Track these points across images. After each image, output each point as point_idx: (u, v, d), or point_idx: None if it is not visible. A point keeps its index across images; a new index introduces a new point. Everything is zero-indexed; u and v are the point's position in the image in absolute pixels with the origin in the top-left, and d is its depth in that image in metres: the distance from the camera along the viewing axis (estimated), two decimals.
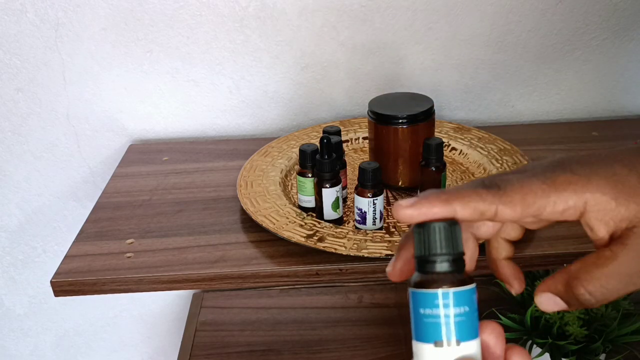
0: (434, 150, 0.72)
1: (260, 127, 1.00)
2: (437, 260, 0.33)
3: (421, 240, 0.33)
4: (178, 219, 0.75)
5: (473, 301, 0.33)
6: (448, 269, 0.33)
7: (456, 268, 0.33)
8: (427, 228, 0.33)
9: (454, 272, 0.33)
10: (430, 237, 0.33)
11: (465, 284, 0.33)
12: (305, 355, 0.95)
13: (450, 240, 0.33)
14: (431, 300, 0.33)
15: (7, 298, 1.12)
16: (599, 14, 0.94)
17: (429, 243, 0.33)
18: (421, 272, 0.34)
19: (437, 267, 0.33)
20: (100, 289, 0.66)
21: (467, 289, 0.33)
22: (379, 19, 0.92)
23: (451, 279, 0.33)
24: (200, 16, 0.91)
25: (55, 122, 0.97)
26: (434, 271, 0.33)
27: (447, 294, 0.32)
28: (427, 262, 0.33)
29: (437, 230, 0.33)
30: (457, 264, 0.33)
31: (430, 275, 0.33)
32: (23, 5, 0.89)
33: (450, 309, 0.32)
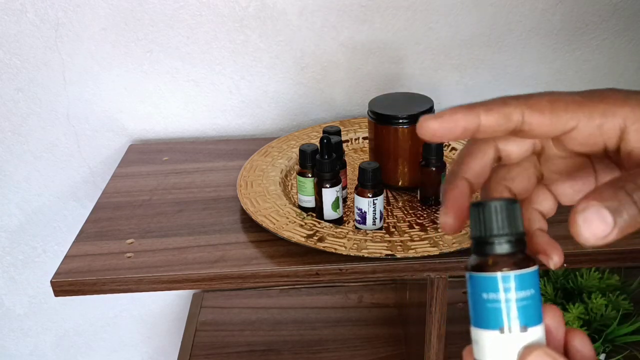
0: (434, 150, 0.72)
1: (260, 127, 1.00)
2: (496, 241, 0.31)
3: (478, 219, 0.31)
4: (178, 219, 0.75)
5: (536, 284, 0.31)
6: (509, 250, 0.31)
7: (517, 249, 0.31)
8: (485, 206, 0.31)
9: (516, 253, 0.31)
10: (489, 216, 0.31)
11: (527, 266, 0.31)
12: (305, 355, 0.95)
13: (510, 219, 0.31)
14: (492, 284, 0.30)
15: (7, 298, 1.12)
16: (599, 14, 0.94)
17: (487, 222, 0.31)
18: (479, 254, 0.32)
19: (496, 249, 0.31)
20: (100, 289, 0.66)
21: (530, 271, 0.31)
22: (379, 19, 0.92)
23: (513, 261, 0.31)
24: (200, 16, 0.91)
25: (55, 122, 0.97)
26: (494, 253, 0.31)
27: (509, 277, 0.30)
28: (485, 243, 0.31)
29: (496, 209, 0.31)
30: (518, 245, 0.31)
31: (490, 258, 0.31)
32: (23, 5, 0.89)
33: (513, 292, 0.30)
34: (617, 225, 0.28)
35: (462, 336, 0.95)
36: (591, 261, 0.66)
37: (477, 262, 0.31)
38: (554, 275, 0.86)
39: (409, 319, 0.89)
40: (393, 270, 0.65)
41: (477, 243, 0.32)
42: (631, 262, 0.66)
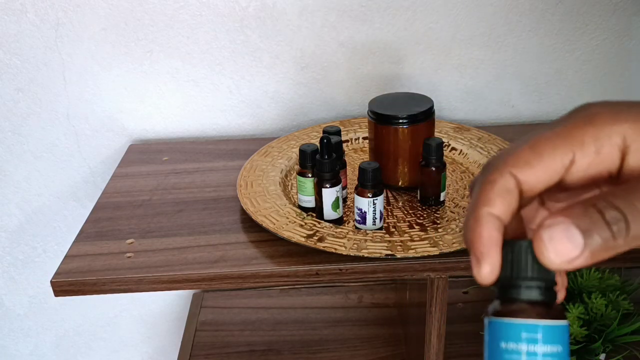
0: (434, 150, 0.72)
1: (260, 127, 1.00)
2: (525, 285, 0.27)
3: (507, 260, 0.27)
4: (178, 219, 0.75)
5: (566, 341, 0.27)
6: (538, 298, 0.27)
7: (548, 298, 0.27)
8: (515, 246, 0.27)
9: (545, 302, 0.27)
10: (519, 256, 0.27)
11: (557, 318, 0.27)
12: (305, 355, 0.95)
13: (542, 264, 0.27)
14: (514, 332, 0.27)
15: (7, 298, 1.12)
16: (599, 14, 0.94)
17: (516, 264, 0.27)
18: (504, 298, 0.28)
19: (524, 294, 0.27)
20: (100, 289, 0.66)
21: (559, 324, 0.27)
22: (379, 19, 0.92)
23: (542, 310, 0.27)
24: (200, 16, 0.91)
25: (55, 122, 0.97)
26: (521, 298, 0.27)
27: (537, 327, 0.26)
28: (512, 286, 0.27)
29: (528, 250, 0.27)
30: (549, 294, 0.28)
31: (516, 303, 0.27)
32: (23, 5, 0.89)
33: (539, 345, 0.26)
34: (588, 248, 0.25)
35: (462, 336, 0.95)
36: None
37: (499, 307, 0.28)
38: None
39: (409, 319, 0.89)
40: (393, 270, 0.65)
41: (502, 286, 0.28)
42: (631, 262, 0.66)
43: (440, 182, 0.73)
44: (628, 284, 0.86)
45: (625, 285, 0.86)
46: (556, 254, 0.25)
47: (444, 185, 0.74)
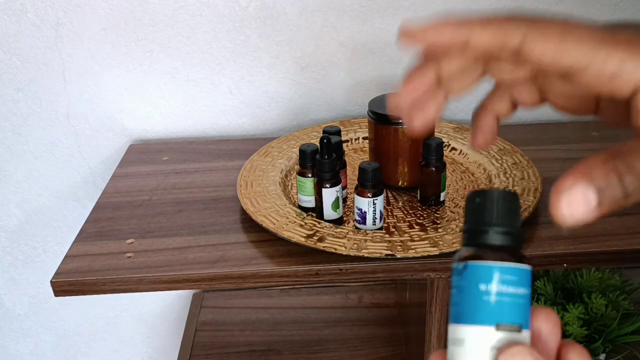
0: (434, 150, 0.72)
1: (260, 127, 1.00)
2: (496, 230, 0.29)
3: (478, 208, 0.29)
4: (178, 219, 0.75)
5: (525, 284, 0.29)
6: (510, 242, 0.29)
7: (517, 243, 0.29)
8: (486, 194, 0.29)
9: (516, 247, 0.29)
10: (490, 204, 0.29)
11: (517, 261, 0.29)
12: (305, 355, 0.95)
13: (513, 212, 0.29)
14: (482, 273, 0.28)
15: (7, 298, 1.12)
16: (599, 14, 0.94)
17: (488, 211, 0.29)
18: (475, 244, 0.29)
19: (496, 239, 0.29)
20: (100, 289, 0.66)
21: (528, 268, 0.29)
22: (379, 19, 0.92)
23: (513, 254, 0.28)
24: (200, 16, 0.91)
25: (55, 122, 0.97)
26: (494, 243, 0.29)
27: (509, 269, 0.28)
28: (484, 232, 0.29)
29: (498, 197, 0.29)
30: (518, 240, 0.29)
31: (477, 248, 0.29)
32: (23, 5, 0.89)
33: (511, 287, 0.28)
34: (599, 207, 0.26)
35: None
36: (591, 261, 0.66)
37: (472, 252, 0.29)
38: (553, 276, 0.86)
39: (409, 319, 0.89)
40: (393, 270, 0.65)
41: (473, 232, 0.29)
42: (631, 262, 0.66)
43: (440, 182, 0.73)
44: (628, 284, 0.86)
45: (625, 285, 0.86)
46: (571, 214, 0.26)
47: (444, 185, 0.74)
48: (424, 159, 0.73)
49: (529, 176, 0.76)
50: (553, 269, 0.85)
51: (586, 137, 0.93)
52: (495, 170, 0.79)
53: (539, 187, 0.74)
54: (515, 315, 0.28)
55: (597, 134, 0.93)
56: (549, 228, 0.69)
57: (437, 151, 0.72)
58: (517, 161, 0.80)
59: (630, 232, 0.67)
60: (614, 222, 0.70)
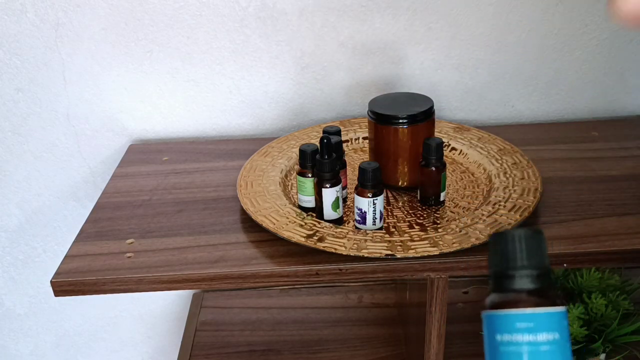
0: (434, 150, 0.72)
1: (260, 127, 1.00)
2: (517, 274, 0.26)
3: (497, 251, 0.27)
4: (178, 219, 0.75)
5: (564, 327, 0.26)
6: (531, 286, 0.26)
7: (542, 285, 0.26)
8: (505, 236, 0.26)
9: (540, 289, 0.26)
10: (509, 247, 0.26)
11: (553, 305, 0.26)
12: (305, 355, 0.95)
13: (534, 251, 0.26)
14: (510, 322, 0.26)
15: (7, 298, 1.12)
16: (599, 14, 0.94)
17: (507, 254, 0.26)
18: (498, 290, 0.27)
19: (517, 283, 0.26)
20: (101, 289, 0.66)
21: (556, 310, 0.26)
22: (379, 19, 0.92)
23: (537, 297, 0.26)
24: (200, 16, 0.91)
25: (55, 122, 0.97)
26: (514, 288, 0.26)
27: (529, 316, 0.25)
28: (504, 277, 0.27)
29: (518, 239, 0.26)
30: (542, 280, 0.27)
31: (510, 294, 0.26)
32: (23, 5, 0.89)
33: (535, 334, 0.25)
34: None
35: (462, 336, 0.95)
36: (591, 261, 0.66)
37: (496, 300, 0.27)
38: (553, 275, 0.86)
39: (409, 319, 0.89)
40: (393, 270, 0.65)
41: (495, 278, 0.27)
42: (631, 262, 0.66)
43: (440, 182, 0.73)
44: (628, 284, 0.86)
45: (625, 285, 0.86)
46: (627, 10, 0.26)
47: (444, 185, 0.74)
48: (424, 159, 0.73)
49: (529, 176, 0.76)
50: (553, 269, 0.85)
51: (586, 137, 0.93)
52: (495, 170, 0.79)
53: (539, 187, 0.74)
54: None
55: (597, 133, 0.93)
56: (549, 228, 0.69)
57: (437, 151, 0.72)
58: (517, 161, 0.80)
59: (630, 232, 0.68)
60: (614, 222, 0.70)
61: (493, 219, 0.68)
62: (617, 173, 0.81)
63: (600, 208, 0.72)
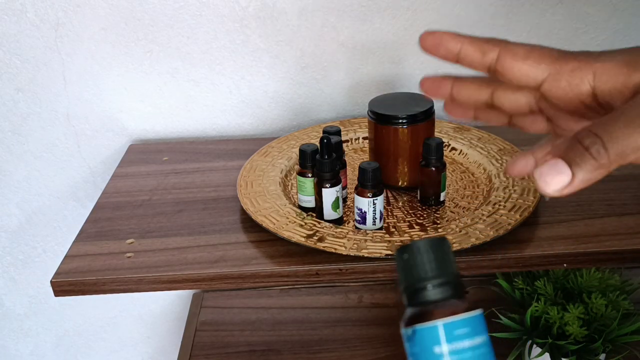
0: (434, 150, 0.72)
1: (260, 127, 1.00)
2: (428, 286, 0.26)
3: (405, 266, 0.26)
4: (178, 219, 0.75)
5: (480, 331, 0.26)
6: (445, 295, 0.26)
7: (455, 292, 0.26)
8: (410, 249, 0.26)
9: (454, 297, 0.26)
10: (416, 259, 0.26)
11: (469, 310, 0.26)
12: (305, 355, 0.95)
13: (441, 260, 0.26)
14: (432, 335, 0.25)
15: (7, 298, 1.12)
16: (599, 14, 0.94)
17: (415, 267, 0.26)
18: (412, 305, 0.27)
19: (429, 295, 0.26)
20: (101, 289, 0.66)
21: (475, 314, 0.26)
22: (379, 19, 0.92)
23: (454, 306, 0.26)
24: (200, 16, 0.91)
25: (55, 122, 0.97)
26: (431, 299, 0.26)
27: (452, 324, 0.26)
28: (416, 290, 0.26)
29: (423, 249, 0.26)
30: (455, 288, 0.27)
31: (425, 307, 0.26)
32: (23, 5, 0.89)
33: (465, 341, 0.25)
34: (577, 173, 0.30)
35: None
36: (591, 261, 0.66)
37: (412, 314, 0.27)
38: (553, 276, 0.86)
39: None
40: (393, 270, 0.65)
41: (408, 293, 0.27)
42: (631, 262, 0.66)
43: (440, 182, 0.73)
44: (628, 284, 0.86)
45: (625, 285, 0.86)
46: (546, 184, 0.30)
47: (444, 185, 0.74)
48: (424, 159, 0.73)
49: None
50: (553, 269, 0.85)
51: None
52: (495, 170, 0.79)
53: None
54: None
55: None
56: (549, 228, 0.69)
57: (437, 151, 0.72)
58: None
59: (630, 232, 0.68)
60: (614, 222, 0.70)
61: (493, 219, 0.68)
62: (617, 173, 0.80)
63: (600, 208, 0.72)
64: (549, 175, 0.30)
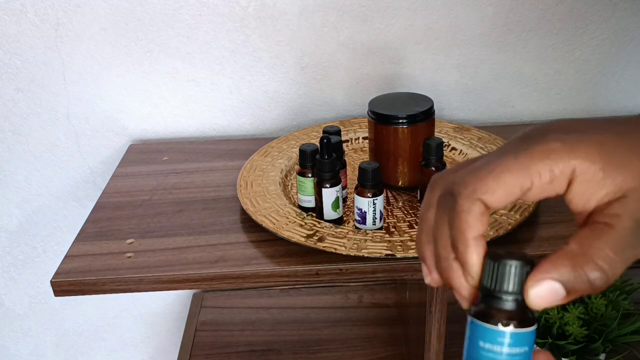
0: (434, 150, 0.72)
1: (260, 127, 1.00)
2: (505, 297, 0.33)
3: (492, 273, 0.33)
4: (178, 219, 0.75)
5: (532, 342, 0.33)
6: (514, 308, 0.33)
7: (522, 308, 0.33)
8: (502, 263, 0.32)
9: (519, 312, 0.33)
10: (504, 273, 0.32)
11: (529, 325, 0.33)
12: (305, 355, 0.95)
13: (522, 280, 0.32)
14: (494, 336, 0.32)
15: (7, 298, 1.12)
16: (599, 14, 0.94)
17: (501, 278, 0.32)
18: (486, 304, 0.33)
19: (504, 304, 0.33)
20: (101, 289, 0.66)
21: (529, 331, 0.33)
22: (379, 19, 0.92)
23: (516, 319, 0.32)
24: (200, 16, 0.91)
25: (55, 122, 0.97)
26: (500, 307, 0.33)
27: (512, 335, 0.32)
28: (494, 296, 0.33)
29: (513, 269, 0.32)
30: (523, 305, 0.33)
31: (497, 311, 0.33)
32: (23, 5, 0.89)
33: (511, 348, 0.32)
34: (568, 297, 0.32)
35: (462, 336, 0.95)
36: None
37: (482, 311, 0.33)
38: None
39: (409, 319, 0.89)
40: (393, 270, 0.65)
41: (486, 293, 0.33)
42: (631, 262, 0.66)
43: None
44: (628, 284, 0.86)
45: (625, 285, 0.86)
46: (540, 302, 0.32)
47: None
48: (424, 159, 0.73)
49: None
50: None
51: None
52: None
53: None
54: None
55: None
56: (549, 228, 0.69)
57: (437, 151, 0.72)
58: None
59: None
60: None
61: (493, 218, 0.68)
62: None
63: None
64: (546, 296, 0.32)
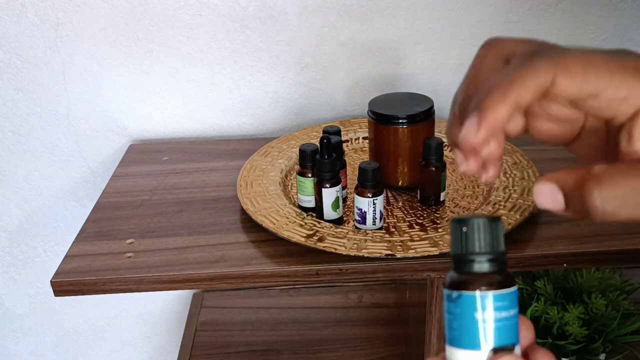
0: (434, 150, 0.72)
1: (260, 127, 1.00)
2: (477, 259, 0.30)
3: (459, 237, 0.31)
4: (178, 219, 0.75)
5: (515, 304, 0.30)
6: (489, 270, 0.30)
7: (497, 268, 0.30)
8: (466, 224, 0.30)
9: (495, 272, 0.30)
10: (470, 234, 0.30)
11: (507, 286, 0.30)
12: (305, 355, 0.95)
13: (491, 238, 0.30)
14: (469, 303, 0.30)
15: (7, 298, 1.12)
16: (599, 14, 0.94)
17: (467, 241, 0.30)
18: (458, 271, 0.31)
19: (476, 267, 0.30)
20: (101, 289, 0.66)
21: (509, 291, 0.30)
22: (379, 19, 0.92)
23: (493, 280, 0.30)
24: (200, 16, 0.91)
25: (55, 122, 0.97)
26: (474, 271, 0.30)
27: (487, 296, 0.30)
28: (466, 261, 0.30)
29: (477, 227, 0.30)
30: (498, 264, 0.30)
31: (468, 276, 0.30)
32: (23, 5, 0.89)
33: (492, 312, 0.30)
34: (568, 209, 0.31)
35: None
36: (591, 261, 0.66)
37: (455, 280, 0.31)
38: (553, 276, 0.86)
39: (409, 319, 0.89)
40: (393, 270, 0.65)
41: (457, 260, 0.31)
42: (631, 262, 0.66)
43: (440, 182, 0.73)
44: (628, 284, 0.86)
45: (625, 285, 0.86)
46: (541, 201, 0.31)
47: (444, 185, 0.74)
48: (424, 159, 0.73)
49: (529, 176, 0.76)
50: (553, 269, 0.85)
51: None
52: None
53: None
54: (510, 336, 0.30)
55: None
56: (549, 228, 0.69)
57: (437, 151, 0.72)
58: (517, 161, 0.80)
59: (630, 232, 0.67)
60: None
61: None
62: None
63: None
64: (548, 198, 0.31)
